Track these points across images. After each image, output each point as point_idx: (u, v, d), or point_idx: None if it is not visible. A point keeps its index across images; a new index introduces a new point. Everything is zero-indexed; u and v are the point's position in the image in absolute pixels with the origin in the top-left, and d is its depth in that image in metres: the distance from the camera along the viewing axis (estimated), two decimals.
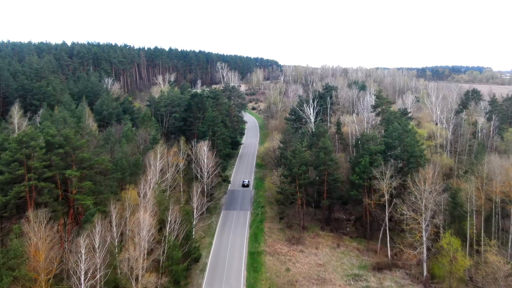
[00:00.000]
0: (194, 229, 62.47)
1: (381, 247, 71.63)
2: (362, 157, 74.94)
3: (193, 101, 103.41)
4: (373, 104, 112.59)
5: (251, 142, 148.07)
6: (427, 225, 60.05)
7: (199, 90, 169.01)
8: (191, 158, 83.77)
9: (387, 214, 66.83)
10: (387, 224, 67.95)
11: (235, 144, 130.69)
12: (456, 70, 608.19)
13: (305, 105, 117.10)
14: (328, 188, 77.86)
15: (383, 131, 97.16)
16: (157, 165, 67.26)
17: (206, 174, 79.87)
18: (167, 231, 53.33)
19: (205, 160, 79.71)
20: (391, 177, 65.52)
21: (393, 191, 66.81)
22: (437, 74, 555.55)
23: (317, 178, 79.19)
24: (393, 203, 68.69)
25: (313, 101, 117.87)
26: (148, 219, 49.36)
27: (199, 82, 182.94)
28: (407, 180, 65.15)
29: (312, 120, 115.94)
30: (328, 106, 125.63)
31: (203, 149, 79.97)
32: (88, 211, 50.04)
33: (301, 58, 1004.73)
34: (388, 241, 67.65)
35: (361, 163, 73.50)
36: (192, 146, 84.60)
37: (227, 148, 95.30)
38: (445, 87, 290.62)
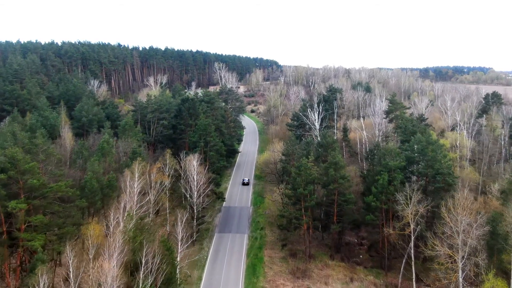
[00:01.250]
0: (178, 267, 51.17)
1: (402, 282, 60.34)
2: (380, 174, 63.73)
3: (183, 106, 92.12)
4: (386, 109, 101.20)
5: (249, 150, 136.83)
6: (465, 264, 48.76)
7: (192, 93, 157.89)
8: (180, 173, 72.52)
9: (412, 246, 55.47)
10: (412, 257, 56.61)
11: (232, 153, 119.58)
12: (459, 70, 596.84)
13: (309, 110, 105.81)
14: (338, 210, 66.54)
15: (398, 140, 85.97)
16: (135, 186, 55.89)
17: (196, 193, 68.48)
18: (141, 277, 41.98)
19: (195, 177, 68.34)
20: (419, 202, 54.08)
21: (420, 219, 55.39)
22: (440, 74, 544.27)
23: (325, 198, 67.99)
24: (417, 230, 57.40)
25: (318, 106, 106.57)
26: (114, 268, 38.10)
27: (193, 84, 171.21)
28: (439, 206, 53.98)
29: (317, 126, 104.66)
30: (335, 110, 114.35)
31: (193, 164, 68.60)
32: (37, 255, 38.73)
33: (301, 58, 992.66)
34: (413, 279, 56.33)
35: (379, 181, 62.27)
36: (180, 160, 73.27)
37: (222, 161, 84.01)
38: (452, 88, 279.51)
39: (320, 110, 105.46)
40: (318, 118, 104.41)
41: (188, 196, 68.78)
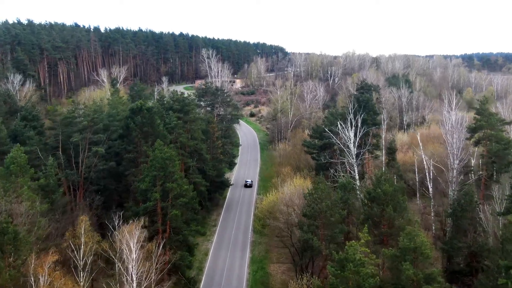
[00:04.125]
0: None
1: None
2: (506, 274, 37.03)
3: (134, 121, 65.55)
4: (472, 124, 73.81)
5: (247, 176, 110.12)
6: None
7: (165, 91, 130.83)
8: (112, 256, 45.70)
9: None
10: None
11: (220, 186, 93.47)
12: (510, 58, 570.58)
13: (339, 124, 78.80)
14: None
15: (507, 184, 58.54)
16: None
17: None
18: None
19: (134, 274, 41.28)
20: None
21: None
22: (488, 63, 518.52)
23: None
24: None
25: (354, 116, 79.55)
26: None
27: (164, 79, 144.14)
28: None
29: (354, 150, 77.67)
30: (383, 125, 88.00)
31: (128, 245, 41.66)
32: None
33: (313, 43, 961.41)
34: None
35: None
36: (113, 230, 46.48)
37: (195, 223, 56.76)
38: None
39: (359, 123, 78.44)
40: (356, 137, 77.46)
41: None
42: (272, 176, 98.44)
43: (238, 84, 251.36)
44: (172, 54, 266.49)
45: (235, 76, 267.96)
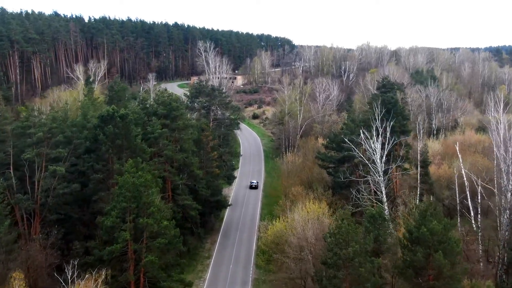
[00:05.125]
0: None
1: None
2: None
3: (103, 131, 56.50)
4: None
5: (248, 193, 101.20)
6: None
7: (152, 91, 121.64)
8: None
9: None
10: None
11: (216, 207, 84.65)
12: None
13: (361, 132, 69.49)
14: None
15: None
16: None
17: None
18: None
19: None
20: None
21: None
22: None
23: None
24: None
25: (381, 124, 70.15)
26: None
27: (151, 76, 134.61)
28: None
29: (381, 165, 68.38)
30: (420, 132, 79.41)
31: None
32: None
33: (323, 35, 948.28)
34: None
35: None
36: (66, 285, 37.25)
37: (178, 270, 47.30)
38: None
39: (388, 132, 69.01)
40: (384, 149, 68.15)
41: None
42: (278, 193, 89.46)
43: (240, 81, 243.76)
44: (165, 47, 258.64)
45: (236, 72, 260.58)
